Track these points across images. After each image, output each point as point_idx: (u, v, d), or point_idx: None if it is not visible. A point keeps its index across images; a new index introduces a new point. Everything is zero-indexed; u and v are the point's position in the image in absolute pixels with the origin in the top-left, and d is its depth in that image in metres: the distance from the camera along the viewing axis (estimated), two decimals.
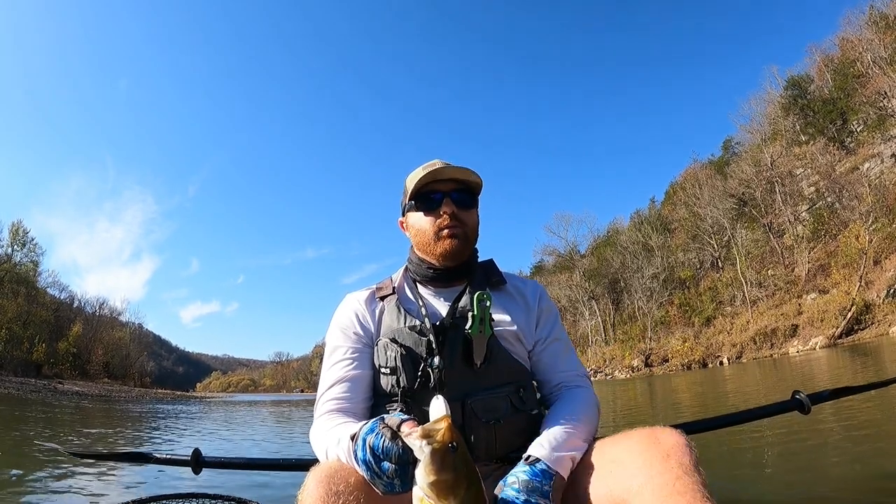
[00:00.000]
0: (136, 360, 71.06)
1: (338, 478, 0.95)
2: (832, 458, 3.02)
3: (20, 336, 46.97)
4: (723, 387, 12.17)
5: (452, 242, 1.31)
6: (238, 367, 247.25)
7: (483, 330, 1.20)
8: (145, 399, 32.25)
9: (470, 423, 1.19)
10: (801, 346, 28.83)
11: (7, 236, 51.55)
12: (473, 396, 1.20)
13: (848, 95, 39.67)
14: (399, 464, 0.85)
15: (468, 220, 1.34)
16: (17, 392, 26.08)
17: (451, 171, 1.31)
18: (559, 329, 1.38)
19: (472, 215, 1.36)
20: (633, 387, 18.63)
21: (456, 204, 1.32)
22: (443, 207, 1.31)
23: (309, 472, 0.98)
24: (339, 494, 0.92)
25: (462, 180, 1.33)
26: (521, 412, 1.24)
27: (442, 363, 1.19)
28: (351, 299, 1.39)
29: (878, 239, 29.92)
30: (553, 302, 1.42)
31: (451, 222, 1.31)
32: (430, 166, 1.33)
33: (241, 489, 2.94)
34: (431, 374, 1.20)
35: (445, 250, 1.31)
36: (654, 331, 44.54)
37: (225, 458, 1.62)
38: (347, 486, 0.94)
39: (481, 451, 1.19)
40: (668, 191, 56.22)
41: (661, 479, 0.89)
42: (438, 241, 1.32)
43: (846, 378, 9.15)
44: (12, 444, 6.32)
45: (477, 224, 1.38)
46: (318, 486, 0.93)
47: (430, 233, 1.32)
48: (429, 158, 1.36)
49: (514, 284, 1.41)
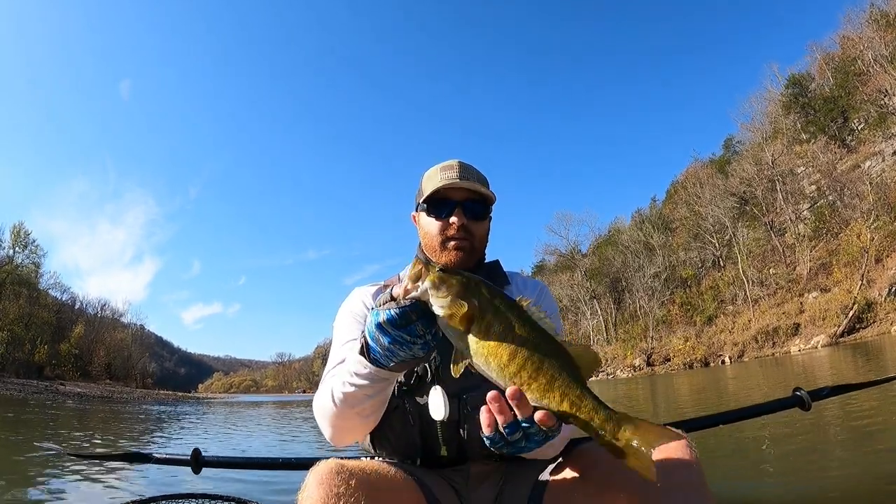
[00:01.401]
0: (137, 361, 71.14)
1: (339, 479, 0.94)
2: (833, 456, 3.01)
3: (22, 338, 47.03)
4: (725, 386, 12.16)
5: (458, 255, 1.29)
6: (240, 367, 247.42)
7: None
8: (147, 400, 32.32)
9: (466, 418, 1.19)
10: (802, 345, 28.82)
11: (8, 238, 51.65)
12: (470, 392, 1.19)
13: (849, 93, 39.62)
14: (421, 315, 0.85)
15: (477, 232, 1.32)
16: (19, 394, 26.13)
17: (467, 184, 1.28)
18: (557, 329, 1.35)
19: (482, 227, 1.33)
20: (635, 386, 18.62)
21: (467, 214, 1.29)
22: (453, 216, 1.29)
23: (309, 472, 0.97)
24: (341, 496, 0.91)
25: (477, 191, 1.30)
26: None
27: (438, 358, 1.19)
28: (358, 292, 1.41)
29: (880, 237, 29.93)
30: (554, 300, 1.41)
31: (460, 233, 1.29)
32: (447, 168, 1.31)
33: (242, 489, 2.93)
34: (429, 369, 1.20)
35: (450, 261, 1.30)
36: (655, 330, 44.54)
37: (224, 458, 1.62)
38: (349, 488, 0.93)
39: (476, 447, 1.18)
40: (670, 190, 56.25)
41: (661, 478, 0.88)
42: (444, 250, 1.30)
43: (848, 376, 9.14)
44: (14, 445, 6.34)
45: (486, 235, 1.36)
46: (319, 486, 0.92)
47: (438, 240, 1.31)
48: (431, 157, 1.35)
49: (517, 284, 1.40)
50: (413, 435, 1.22)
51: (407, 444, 1.23)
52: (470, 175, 1.30)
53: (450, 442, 1.21)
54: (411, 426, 1.22)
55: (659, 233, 50.53)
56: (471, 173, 1.31)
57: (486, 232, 1.36)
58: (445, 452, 1.22)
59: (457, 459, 1.22)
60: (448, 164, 1.33)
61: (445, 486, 1.23)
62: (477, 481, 1.26)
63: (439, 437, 1.21)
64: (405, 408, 1.23)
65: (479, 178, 1.32)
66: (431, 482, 1.20)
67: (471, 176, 1.30)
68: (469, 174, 1.31)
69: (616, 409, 0.77)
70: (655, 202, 58.43)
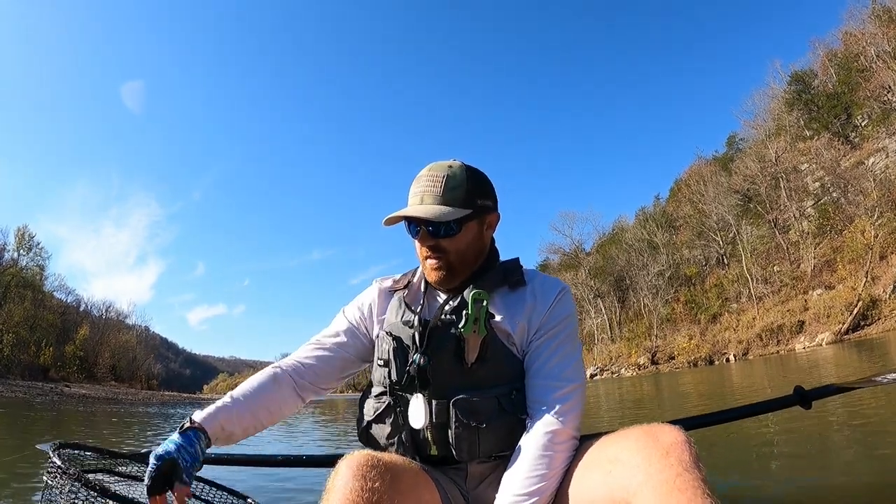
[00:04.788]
0: (142, 362, 71.18)
1: (375, 472, 0.95)
2: (837, 454, 2.99)
3: (27, 340, 47.15)
4: (730, 383, 12.13)
5: (436, 274, 1.26)
6: (245, 368, 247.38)
7: (477, 329, 1.17)
8: (152, 401, 32.42)
9: (453, 422, 1.19)
10: (807, 343, 28.73)
11: (13, 241, 51.88)
12: (460, 395, 1.19)
13: (852, 90, 39.46)
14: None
15: (451, 247, 1.24)
16: (25, 395, 26.24)
17: (423, 210, 1.20)
18: (563, 333, 1.26)
19: (457, 241, 1.25)
20: (640, 385, 18.59)
21: (433, 236, 1.24)
22: (419, 239, 1.27)
23: (343, 460, 0.99)
24: (375, 491, 0.93)
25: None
26: (510, 415, 1.20)
27: (425, 360, 1.20)
28: (373, 289, 1.43)
29: (884, 234, 29.79)
30: (573, 303, 1.33)
31: (433, 253, 1.25)
32: (417, 181, 1.25)
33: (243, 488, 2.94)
34: (416, 371, 1.21)
35: (433, 280, 1.29)
36: (660, 328, 44.43)
37: (224, 455, 1.63)
38: (383, 483, 0.95)
39: (464, 452, 1.19)
40: (673, 188, 56.09)
41: (661, 477, 0.88)
42: (427, 269, 1.29)
43: (853, 374, 9.10)
44: (15, 446, 6.36)
45: (469, 245, 1.27)
46: (354, 478, 0.93)
47: (421, 258, 1.30)
48: (434, 155, 1.32)
49: (534, 285, 1.32)
50: (405, 434, 1.23)
51: (398, 442, 1.24)
52: (434, 189, 1.22)
53: (439, 444, 1.22)
54: (401, 425, 1.24)
55: (663, 231, 50.42)
56: (436, 187, 1.22)
57: (469, 242, 1.27)
58: (436, 452, 1.22)
59: (451, 459, 1.23)
60: (419, 176, 1.26)
61: (450, 483, 1.24)
62: (477, 481, 1.26)
63: (429, 438, 1.22)
64: (396, 409, 1.24)
65: (449, 188, 1.22)
66: (442, 480, 1.22)
67: (435, 190, 1.22)
68: (433, 189, 1.22)
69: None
70: (659, 200, 58.33)
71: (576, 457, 1.12)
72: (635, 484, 0.91)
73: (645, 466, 0.91)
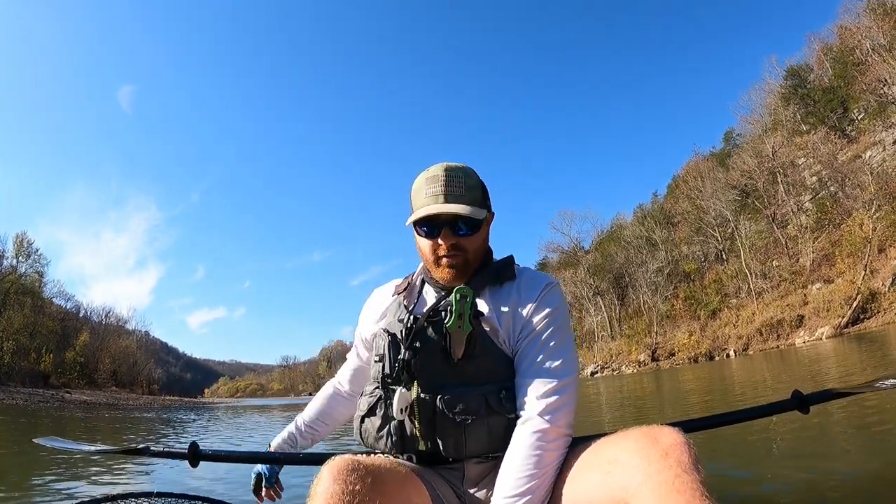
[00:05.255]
0: (143, 367, 71.15)
1: (355, 476, 0.96)
2: (837, 456, 2.98)
3: (27, 347, 47.09)
4: (730, 379, 12.14)
5: (450, 272, 1.28)
6: (245, 371, 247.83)
7: (462, 325, 1.17)
8: (153, 406, 32.39)
9: (439, 417, 1.20)
10: (807, 337, 28.75)
11: (11, 248, 51.77)
12: (446, 391, 1.20)
13: (848, 84, 39.48)
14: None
15: (469, 246, 1.29)
16: (25, 402, 26.20)
17: (453, 209, 1.22)
18: (550, 328, 1.25)
19: (475, 240, 1.29)
20: (641, 382, 18.59)
21: (455, 233, 1.27)
22: (441, 237, 1.27)
23: (324, 467, 0.99)
24: (356, 494, 0.94)
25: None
26: (499, 414, 1.20)
27: (411, 353, 1.23)
28: (371, 298, 1.52)
29: (882, 227, 29.81)
30: (562, 297, 1.33)
31: (451, 251, 1.27)
32: (432, 181, 1.26)
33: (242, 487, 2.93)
34: (403, 364, 1.24)
35: (443, 278, 1.30)
36: (659, 325, 44.48)
37: (222, 452, 1.65)
38: (364, 486, 0.96)
39: (450, 448, 1.20)
40: (671, 184, 56.08)
41: (660, 478, 0.88)
42: (438, 267, 1.30)
43: (853, 368, 9.12)
44: (16, 448, 6.36)
45: (482, 244, 1.33)
46: (336, 483, 0.95)
47: (431, 258, 1.30)
48: (434, 154, 1.32)
49: (522, 280, 1.33)
50: (393, 426, 1.24)
51: (387, 435, 1.25)
52: (456, 189, 1.25)
53: (426, 438, 1.22)
54: (390, 417, 1.25)
55: (661, 227, 50.44)
56: (457, 187, 1.25)
57: (482, 241, 1.33)
58: (423, 447, 1.23)
59: (445, 458, 1.23)
60: (433, 176, 1.27)
61: (444, 484, 1.25)
62: (474, 481, 1.27)
63: (416, 433, 1.23)
64: (386, 401, 1.26)
65: (468, 187, 1.27)
66: (434, 481, 1.22)
67: (457, 190, 1.25)
68: (454, 189, 1.25)
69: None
70: (657, 197, 58.34)
71: (575, 457, 1.12)
72: (634, 485, 0.91)
73: (644, 467, 0.92)
